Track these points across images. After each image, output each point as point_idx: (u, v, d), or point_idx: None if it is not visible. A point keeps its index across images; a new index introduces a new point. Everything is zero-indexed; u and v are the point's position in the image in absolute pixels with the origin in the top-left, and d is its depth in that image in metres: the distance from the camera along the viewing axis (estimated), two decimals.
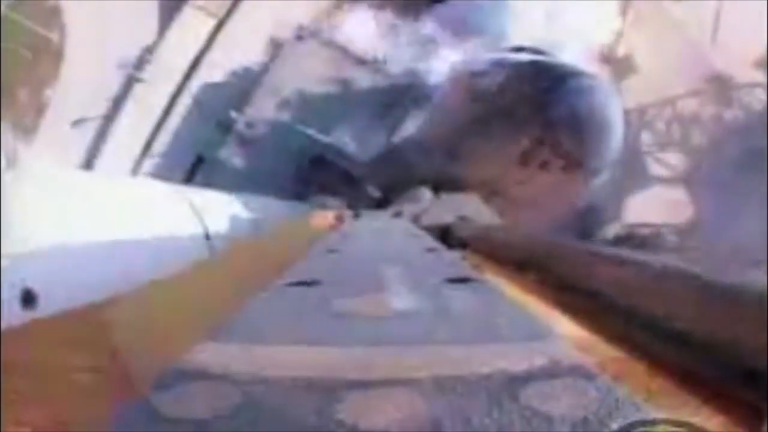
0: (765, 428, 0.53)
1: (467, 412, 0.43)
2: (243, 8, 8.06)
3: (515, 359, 0.52)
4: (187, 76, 8.07)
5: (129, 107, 8.05)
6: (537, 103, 5.18)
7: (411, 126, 7.44)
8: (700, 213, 7.99)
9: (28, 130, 7.96)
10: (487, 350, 0.56)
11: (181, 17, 8.02)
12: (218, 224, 2.96)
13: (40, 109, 8.08)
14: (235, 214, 3.38)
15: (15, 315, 1.40)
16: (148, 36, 8.14)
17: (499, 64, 5.72)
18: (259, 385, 0.48)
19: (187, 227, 2.71)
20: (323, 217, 3.29)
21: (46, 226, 1.82)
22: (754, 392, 0.56)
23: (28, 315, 1.44)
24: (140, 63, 8.06)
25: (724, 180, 7.79)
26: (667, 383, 0.65)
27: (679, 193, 8.20)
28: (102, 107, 8.11)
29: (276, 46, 8.03)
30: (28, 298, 1.48)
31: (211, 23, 8.11)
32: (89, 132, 8.10)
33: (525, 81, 5.35)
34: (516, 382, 0.48)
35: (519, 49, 6.07)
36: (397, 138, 7.54)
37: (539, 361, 0.52)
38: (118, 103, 8.10)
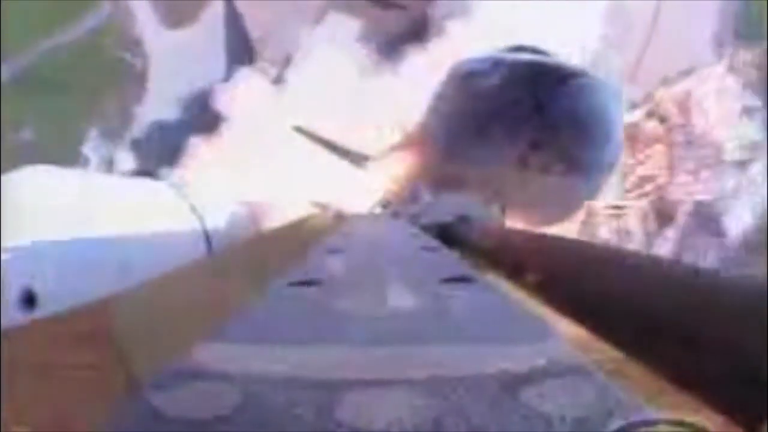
0: (765, 428, 0.53)
1: (467, 412, 0.43)
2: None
3: (515, 359, 0.52)
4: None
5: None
6: (536, 103, 5.13)
7: None
8: None
9: (117, 139, 9.77)
10: (486, 350, 0.56)
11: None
12: (218, 223, 2.97)
13: (127, 122, 9.82)
14: (235, 213, 3.38)
15: (15, 315, 1.41)
16: (217, 74, 9.96)
17: (496, 63, 5.64)
18: (259, 385, 0.48)
19: (187, 225, 2.71)
20: (322, 216, 3.29)
21: (47, 225, 1.82)
22: (754, 392, 0.56)
23: (28, 315, 1.44)
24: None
25: None
26: (667, 383, 0.65)
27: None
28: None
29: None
30: (28, 298, 1.48)
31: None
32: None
33: (523, 81, 5.30)
34: (515, 382, 0.48)
35: (518, 49, 6.00)
36: None
37: (539, 361, 0.52)
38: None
